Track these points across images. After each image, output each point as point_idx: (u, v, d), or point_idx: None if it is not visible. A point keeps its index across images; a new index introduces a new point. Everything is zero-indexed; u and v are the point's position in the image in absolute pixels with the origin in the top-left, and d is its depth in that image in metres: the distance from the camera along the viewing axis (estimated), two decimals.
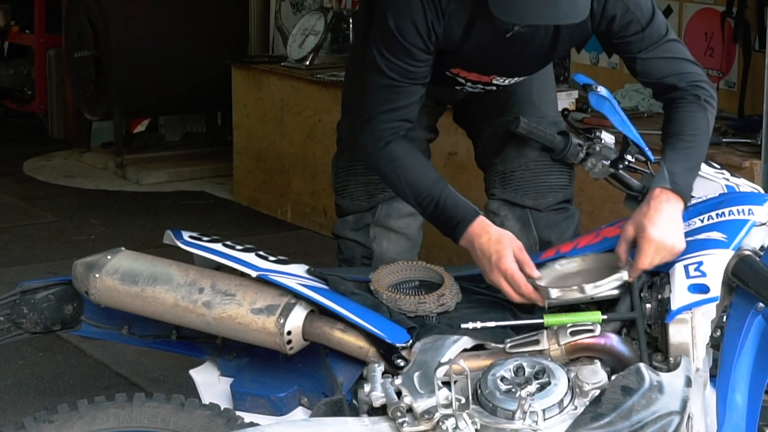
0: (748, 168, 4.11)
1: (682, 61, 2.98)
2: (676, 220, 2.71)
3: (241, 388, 2.74)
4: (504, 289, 2.75)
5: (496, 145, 3.31)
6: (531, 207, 3.28)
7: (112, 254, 2.81)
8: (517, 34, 2.86)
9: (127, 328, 2.90)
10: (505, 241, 2.79)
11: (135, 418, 2.56)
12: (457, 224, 2.85)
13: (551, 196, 3.29)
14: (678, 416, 2.41)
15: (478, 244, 2.80)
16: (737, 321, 2.65)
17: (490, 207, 3.33)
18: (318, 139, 5.93)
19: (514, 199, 3.29)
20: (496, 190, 3.33)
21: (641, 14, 2.93)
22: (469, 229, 2.82)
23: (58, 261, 5.47)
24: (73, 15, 7.47)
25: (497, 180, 3.33)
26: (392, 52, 2.90)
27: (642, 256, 2.66)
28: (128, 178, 7.22)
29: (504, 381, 2.48)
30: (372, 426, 2.45)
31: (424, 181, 2.93)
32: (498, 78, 3.10)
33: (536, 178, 3.28)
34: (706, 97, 2.93)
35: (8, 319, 2.89)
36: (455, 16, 2.88)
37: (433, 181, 2.92)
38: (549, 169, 3.28)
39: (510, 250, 2.77)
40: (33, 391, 4.16)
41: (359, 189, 3.32)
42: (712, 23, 4.88)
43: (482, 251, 2.79)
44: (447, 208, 2.88)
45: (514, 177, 3.29)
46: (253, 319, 2.64)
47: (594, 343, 2.58)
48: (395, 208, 3.30)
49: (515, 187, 3.29)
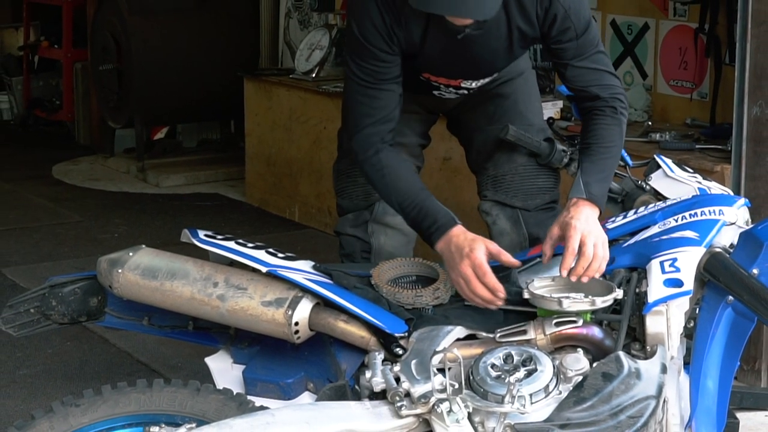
0: (719, 172, 4.10)
1: (606, 73, 3.02)
2: (594, 219, 2.77)
3: (253, 374, 2.74)
4: (469, 278, 2.71)
5: (487, 151, 3.32)
6: (520, 207, 3.28)
7: (133, 251, 2.81)
8: (469, 36, 2.87)
9: (147, 319, 2.90)
10: (480, 240, 2.77)
11: (154, 402, 2.56)
12: (438, 228, 2.83)
13: (539, 198, 3.29)
14: (654, 400, 2.42)
15: (455, 242, 2.77)
16: (709, 313, 2.65)
17: (483, 207, 3.34)
18: (323, 145, 5.92)
19: (505, 200, 3.29)
20: (488, 192, 3.33)
21: (578, 23, 2.95)
22: (449, 232, 2.80)
23: (84, 257, 5.47)
24: (98, 31, 7.47)
25: (489, 183, 3.33)
26: (360, 56, 2.92)
27: (571, 240, 2.70)
28: (149, 181, 7.22)
29: (494, 368, 2.48)
30: (373, 409, 2.45)
31: (409, 189, 2.92)
32: (465, 81, 3.11)
33: (525, 181, 3.29)
34: (621, 108, 3.00)
35: (38, 311, 2.89)
36: (413, 20, 2.90)
37: (418, 189, 2.92)
38: (537, 173, 3.28)
39: (483, 246, 2.75)
40: (61, 378, 4.16)
41: (358, 190, 3.32)
42: (686, 39, 4.88)
43: (457, 246, 2.77)
44: (429, 214, 2.86)
45: (504, 180, 3.30)
46: (263, 311, 2.64)
47: (577, 333, 2.58)
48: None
49: (506, 190, 3.29)
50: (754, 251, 2.67)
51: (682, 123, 4.86)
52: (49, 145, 8.32)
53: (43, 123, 8.78)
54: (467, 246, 2.75)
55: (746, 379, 4.08)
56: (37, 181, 7.25)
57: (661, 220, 2.76)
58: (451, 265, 2.77)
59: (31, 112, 8.82)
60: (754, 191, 3.96)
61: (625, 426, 2.37)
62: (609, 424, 2.37)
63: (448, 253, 2.79)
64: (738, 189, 4.00)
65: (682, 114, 4.92)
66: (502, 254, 2.76)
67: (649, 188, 3.00)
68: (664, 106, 5.02)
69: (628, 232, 2.82)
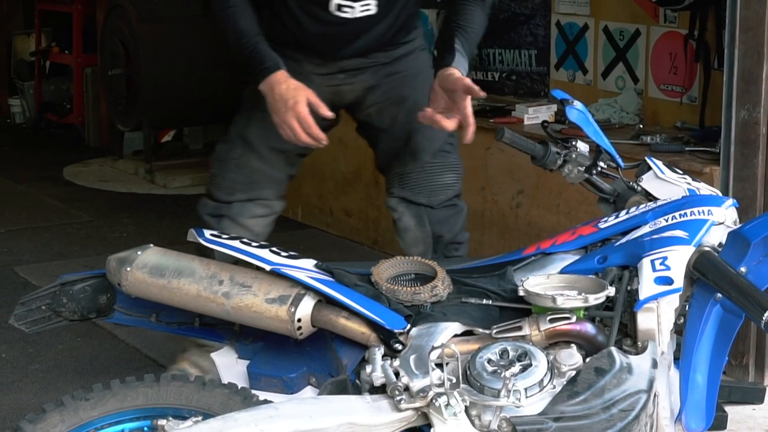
0: (708, 174, 4.10)
1: None
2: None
3: (257, 369, 2.74)
4: (295, 129, 2.98)
5: (393, 151, 3.42)
6: (425, 204, 3.35)
7: (141, 250, 2.80)
8: None
9: (155, 316, 2.90)
10: (302, 90, 3.02)
11: (162, 395, 2.56)
12: (264, 69, 3.06)
13: (443, 194, 3.40)
14: (645, 394, 2.41)
15: (278, 90, 3.02)
16: (698, 309, 2.65)
17: (390, 204, 3.47)
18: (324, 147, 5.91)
19: (410, 197, 3.39)
20: (394, 189, 3.44)
21: None
22: (273, 75, 3.04)
23: (94, 256, 5.47)
24: (108, 37, 7.47)
25: (396, 181, 3.44)
26: None
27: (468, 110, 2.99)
28: (156, 182, 7.22)
29: (490, 363, 2.48)
30: (373, 403, 2.45)
31: (249, 29, 3.15)
32: None
33: (430, 179, 3.40)
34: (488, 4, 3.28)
35: (49, 308, 2.88)
36: None
37: (255, 32, 3.14)
38: (441, 171, 3.40)
39: (305, 97, 3.00)
40: (71, 372, 4.16)
41: (226, 182, 3.43)
42: (676, 45, 4.88)
43: (281, 95, 3.02)
44: (259, 56, 3.09)
45: (410, 178, 3.40)
46: (267, 308, 2.63)
47: (570, 329, 2.57)
48: (248, 209, 3.43)
49: (411, 187, 3.39)
50: (741, 250, 2.66)
51: (673, 126, 4.86)
52: (60, 147, 8.33)
53: (54, 126, 8.79)
54: (291, 98, 2.99)
55: (734, 373, 4.08)
56: (48, 182, 7.26)
57: (652, 220, 2.76)
58: (274, 110, 3.04)
59: (42, 115, 8.83)
60: (741, 192, 3.97)
61: (617, 419, 2.37)
62: (601, 417, 2.37)
63: (271, 96, 3.05)
64: (726, 190, 4.00)
65: (672, 117, 4.92)
66: (321, 107, 3.03)
67: (641, 189, 3.00)
68: (655, 110, 5.02)
69: (620, 232, 2.81)
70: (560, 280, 2.68)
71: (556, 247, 2.81)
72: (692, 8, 4.71)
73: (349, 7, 3.22)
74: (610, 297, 2.61)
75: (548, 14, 5.47)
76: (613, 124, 4.91)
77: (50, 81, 8.88)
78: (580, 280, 2.66)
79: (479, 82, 5.76)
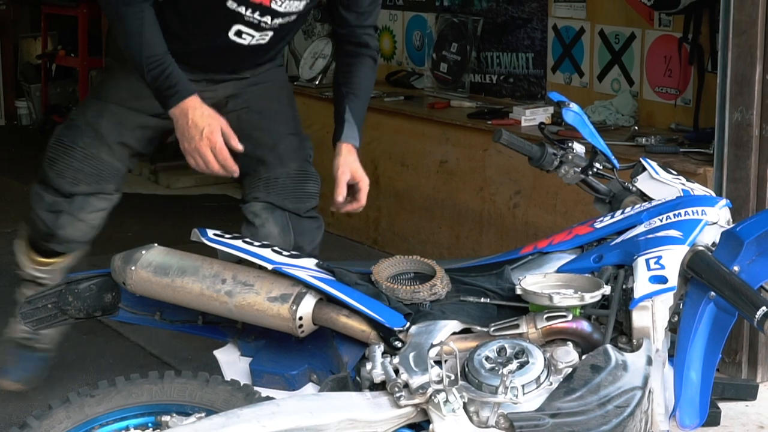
0: (702, 174, 4.10)
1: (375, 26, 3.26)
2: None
3: (259, 366, 2.74)
4: (208, 159, 2.94)
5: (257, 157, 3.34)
6: (291, 210, 3.32)
7: (146, 249, 2.81)
8: None
9: (159, 314, 2.90)
10: (216, 118, 2.95)
11: (166, 392, 2.56)
12: (176, 93, 2.96)
13: (309, 202, 3.39)
14: (640, 391, 2.42)
15: (192, 116, 2.93)
16: (692, 308, 2.65)
17: (252, 209, 3.36)
18: (326, 149, 5.88)
19: (278, 202, 3.33)
20: (260, 194, 3.36)
21: None
22: (187, 100, 2.94)
23: (99, 255, 5.42)
24: (113, 40, 7.45)
25: (261, 185, 3.36)
26: None
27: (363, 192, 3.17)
28: (160, 183, 7.22)
29: (488, 360, 2.48)
30: (373, 400, 2.45)
31: (159, 48, 3.01)
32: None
33: (296, 186, 3.36)
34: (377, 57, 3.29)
35: (55, 306, 2.89)
36: None
37: (165, 51, 3.01)
38: (306, 178, 3.40)
39: (219, 126, 2.94)
40: (77, 369, 4.16)
41: (70, 171, 3.34)
42: (670, 48, 4.88)
43: (195, 123, 2.93)
44: (171, 78, 2.97)
45: (277, 183, 3.34)
46: (269, 306, 2.64)
47: (567, 327, 2.57)
48: (91, 204, 3.38)
49: (279, 192, 3.34)
50: (735, 249, 2.66)
51: (667, 128, 4.86)
52: None
53: None
54: (206, 126, 2.92)
55: (728, 370, 4.09)
56: None
57: (647, 220, 2.76)
58: (186, 137, 2.96)
59: (48, 117, 8.82)
60: (735, 192, 3.97)
61: (613, 415, 2.37)
62: (597, 413, 2.37)
63: (183, 122, 2.95)
64: (720, 190, 4.00)
65: (666, 119, 4.93)
66: (233, 138, 2.98)
67: (636, 189, 3.00)
68: (650, 112, 5.02)
69: (616, 231, 2.81)
70: (557, 278, 2.68)
71: (553, 247, 2.81)
72: (686, 12, 4.72)
73: (249, 35, 3.18)
74: (606, 295, 2.61)
75: (545, 18, 5.48)
76: (608, 125, 4.91)
77: (56, 83, 8.87)
78: (576, 278, 2.67)
79: (478, 84, 5.78)
